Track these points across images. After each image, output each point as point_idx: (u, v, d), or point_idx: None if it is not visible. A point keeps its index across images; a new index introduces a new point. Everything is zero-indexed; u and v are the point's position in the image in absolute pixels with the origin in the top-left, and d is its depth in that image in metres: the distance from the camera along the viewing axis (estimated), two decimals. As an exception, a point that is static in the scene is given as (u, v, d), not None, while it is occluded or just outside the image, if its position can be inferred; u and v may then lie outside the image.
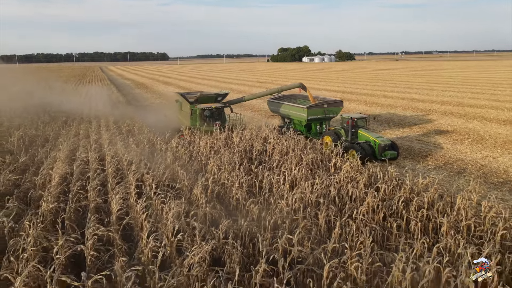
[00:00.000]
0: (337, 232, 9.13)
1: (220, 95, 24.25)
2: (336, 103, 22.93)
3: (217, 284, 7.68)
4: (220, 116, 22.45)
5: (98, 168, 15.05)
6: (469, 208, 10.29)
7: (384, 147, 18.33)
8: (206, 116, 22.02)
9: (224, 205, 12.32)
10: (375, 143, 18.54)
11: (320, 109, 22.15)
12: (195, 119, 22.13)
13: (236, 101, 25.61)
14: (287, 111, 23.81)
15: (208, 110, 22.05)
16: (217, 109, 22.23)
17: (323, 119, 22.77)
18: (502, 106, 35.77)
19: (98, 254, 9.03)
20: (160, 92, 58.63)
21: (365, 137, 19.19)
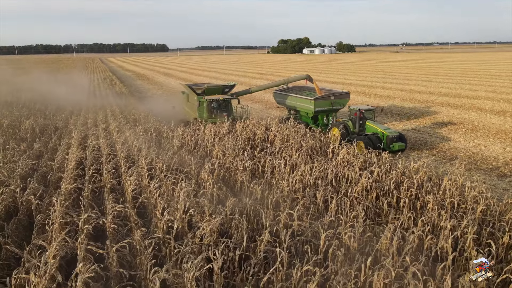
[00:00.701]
0: (333, 208, 10.10)
1: (227, 87, 24.31)
2: (343, 95, 22.90)
3: (226, 252, 8.65)
4: (227, 108, 22.62)
5: (110, 153, 15.98)
6: (454, 188, 11.25)
7: (392, 138, 18.30)
8: (213, 107, 22.21)
9: (230, 187, 13.30)
10: (383, 134, 18.53)
11: (327, 101, 22.14)
12: (202, 110, 22.29)
13: (243, 92, 25.67)
14: (293, 103, 23.89)
15: (215, 101, 22.24)
16: (225, 101, 22.42)
17: (330, 111, 22.84)
18: (498, 97, 36.58)
19: (117, 227, 10.00)
20: (162, 83, 59.41)
21: (373, 129, 19.15)
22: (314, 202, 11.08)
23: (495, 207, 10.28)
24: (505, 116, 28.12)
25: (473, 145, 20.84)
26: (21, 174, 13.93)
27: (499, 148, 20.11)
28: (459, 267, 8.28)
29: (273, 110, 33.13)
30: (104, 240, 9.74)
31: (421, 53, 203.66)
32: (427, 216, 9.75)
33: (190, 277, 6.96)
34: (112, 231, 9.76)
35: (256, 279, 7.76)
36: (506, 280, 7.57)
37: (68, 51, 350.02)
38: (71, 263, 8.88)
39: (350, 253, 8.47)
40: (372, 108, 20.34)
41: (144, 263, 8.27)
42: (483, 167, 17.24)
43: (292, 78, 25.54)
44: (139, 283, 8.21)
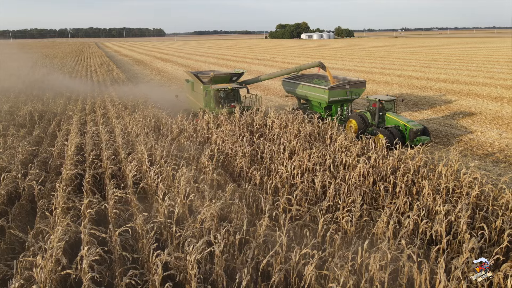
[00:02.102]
0: (331, 193, 10.30)
1: (235, 75, 22.63)
2: (359, 84, 21.44)
3: (226, 236, 8.86)
4: (235, 97, 21.24)
5: (109, 139, 16.07)
6: (450, 174, 11.46)
7: (416, 132, 16.89)
8: (221, 97, 20.84)
9: (229, 173, 13.48)
10: (405, 127, 17.21)
11: (342, 91, 20.68)
12: (209, 100, 20.75)
13: (252, 81, 24.10)
14: (304, 92, 22.49)
15: (223, 91, 20.78)
16: (233, 90, 20.96)
17: (345, 100, 21.38)
18: (496, 83, 36.67)
19: (119, 212, 10.18)
20: (159, 69, 59.01)
21: (394, 121, 17.76)
22: (312, 187, 11.28)
23: (489, 192, 10.51)
24: (502, 102, 28.27)
25: (469, 131, 21.03)
26: (22, 160, 14.04)
27: (495, 134, 20.31)
28: (453, 250, 8.54)
29: (272, 96, 33.13)
30: (106, 224, 9.95)
31: (420, 38, 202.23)
32: (423, 201, 9.98)
33: (192, 259, 7.16)
34: (114, 216, 9.95)
35: (255, 262, 7.98)
36: (497, 262, 7.84)
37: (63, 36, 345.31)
38: (74, 247, 9.10)
39: (347, 237, 8.70)
40: (392, 99, 18.69)
41: (146, 247, 8.47)
42: (479, 153, 17.46)
43: (304, 66, 23.87)
44: (142, 265, 8.43)
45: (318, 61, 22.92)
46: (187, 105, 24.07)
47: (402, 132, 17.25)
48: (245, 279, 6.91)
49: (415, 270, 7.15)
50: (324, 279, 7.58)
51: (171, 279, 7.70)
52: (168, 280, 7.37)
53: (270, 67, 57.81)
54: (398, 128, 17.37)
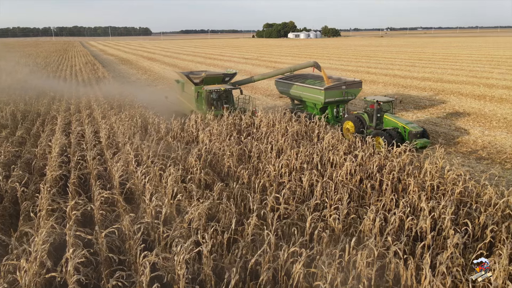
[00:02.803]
0: (318, 191, 10.36)
1: (228, 75, 21.94)
2: (355, 84, 20.99)
3: (214, 236, 8.83)
4: (228, 99, 20.50)
5: (95, 140, 15.85)
6: (434, 171, 11.65)
7: (415, 134, 16.40)
8: (213, 99, 20.10)
9: (217, 172, 13.45)
10: (404, 129, 16.73)
11: (338, 91, 20.18)
12: (201, 102, 20.06)
13: (245, 81, 23.45)
14: (299, 92, 21.95)
15: (215, 92, 20.00)
16: (226, 91, 20.24)
17: (341, 101, 20.89)
18: (478, 82, 37.40)
19: (105, 213, 10.05)
20: (146, 68, 58.47)
21: (393, 123, 17.26)
22: (300, 186, 11.33)
23: (473, 189, 10.72)
24: (485, 100, 28.87)
25: (453, 129, 21.41)
26: (4, 161, 13.74)
27: (478, 132, 20.73)
28: (438, 246, 8.68)
29: (259, 95, 33.15)
30: (92, 226, 9.80)
31: (405, 37, 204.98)
32: (408, 198, 10.12)
33: (180, 260, 7.12)
34: (100, 217, 9.82)
35: (244, 261, 7.98)
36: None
37: (47, 34, 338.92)
38: (59, 250, 8.95)
39: (335, 234, 8.77)
40: (390, 100, 18.11)
41: (133, 248, 8.40)
42: (462, 150, 17.79)
43: (298, 66, 23.39)
44: (129, 267, 8.35)
45: (312, 61, 22.29)
46: (177, 106, 23.21)
47: (401, 134, 16.76)
48: (233, 278, 6.91)
49: (401, 266, 7.25)
50: (312, 277, 7.62)
51: (158, 280, 7.64)
52: (155, 281, 7.31)
53: (258, 66, 57.84)
54: (397, 130, 16.87)
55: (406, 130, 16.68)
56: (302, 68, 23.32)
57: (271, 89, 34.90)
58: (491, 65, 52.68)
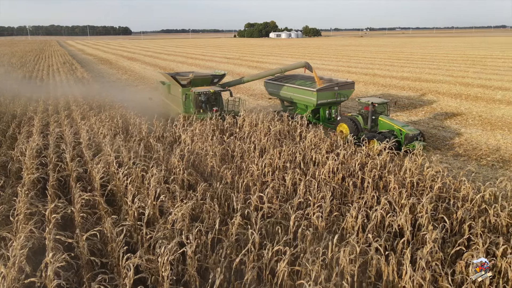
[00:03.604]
0: (301, 189, 10.45)
1: (216, 76, 21.08)
2: (347, 85, 20.50)
3: (198, 236, 8.79)
4: (217, 101, 19.68)
5: (74, 141, 15.53)
6: (414, 168, 11.93)
7: (412, 137, 16.05)
8: (201, 101, 19.30)
9: (200, 172, 13.38)
10: (400, 132, 16.33)
11: (330, 92, 19.61)
12: (189, 105, 19.28)
13: (234, 83, 22.57)
14: (289, 94, 21.22)
15: (204, 94, 19.17)
16: (215, 93, 19.43)
17: (333, 103, 20.33)
18: (455, 81, 38.44)
19: (86, 216, 9.87)
20: (126, 68, 57.60)
21: (388, 125, 16.81)
22: (283, 185, 11.40)
23: (450, 185, 11.03)
24: (461, 99, 29.70)
25: (431, 127, 21.94)
26: (-22, 165, 13.30)
27: (455, 130, 21.32)
28: (418, 241, 8.89)
29: (242, 95, 33.13)
30: (73, 229, 9.61)
31: (384, 37, 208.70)
32: (389, 195, 10.32)
33: (164, 261, 7.06)
34: (81, 220, 9.63)
35: (228, 260, 7.97)
36: (459, 251, 8.23)
37: (22, 34, 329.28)
38: (38, 254, 8.73)
39: (318, 232, 8.86)
40: (385, 101, 17.70)
41: (116, 250, 8.27)
42: (440, 148, 18.26)
43: (289, 66, 22.91)
44: (111, 270, 8.22)
45: (304, 62, 21.84)
46: (163, 109, 22.21)
47: (396, 137, 16.25)
48: (218, 278, 6.89)
49: (382, 262, 7.39)
50: (296, 275, 7.68)
51: (142, 282, 7.56)
52: (139, 283, 7.23)
53: (240, 66, 57.81)
54: (393, 133, 16.44)
55: (403, 132, 16.24)
56: (293, 68, 22.88)
57: (253, 88, 34.96)
58: (467, 64, 54.22)
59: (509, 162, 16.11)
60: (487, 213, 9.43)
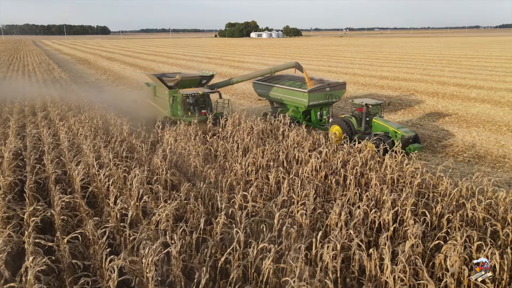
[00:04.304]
0: (285, 188, 10.53)
1: (205, 78, 20.38)
2: (339, 86, 20.11)
3: (183, 236, 8.74)
4: (205, 103, 19.01)
5: (53, 142, 15.16)
6: (394, 165, 12.19)
7: (408, 139, 15.73)
8: (189, 103, 18.58)
9: (183, 172, 13.30)
10: (396, 134, 15.97)
11: (322, 93, 19.23)
12: (176, 107, 18.50)
13: (223, 84, 21.82)
14: (279, 95, 20.74)
15: (192, 96, 18.48)
16: (203, 95, 18.72)
17: (325, 104, 19.96)
18: (432, 80, 39.44)
19: (66, 219, 9.65)
20: (105, 68, 56.57)
21: (383, 127, 16.42)
22: (267, 183, 11.45)
23: (429, 181, 11.32)
24: (438, 97, 30.51)
25: (410, 125, 22.45)
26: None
27: (432, 127, 21.89)
28: (399, 236, 9.10)
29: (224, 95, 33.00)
30: (53, 232, 9.40)
31: (363, 37, 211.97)
32: (371, 192, 10.51)
33: (149, 262, 6.99)
34: (62, 223, 9.42)
35: (213, 260, 7.96)
36: (439, 245, 8.47)
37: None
38: (17, 259, 8.50)
39: (302, 230, 8.93)
40: (379, 102, 17.34)
41: (98, 253, 8.14)
42: (420, 145, 18.70)
43: (279, 67, 22.28)
44: (94, 272, 8.08)
45: (294, 62, 21.36)
46: (148, 112, 21.20)
47: (391, 139, 15.92)
48: (203, 278, 6.87)
49: (365, 257, 7.53)
50: (281, 272, 7.74)
51: (126, 284, 7.47)
52: (123, 285, 7.14)
53: (221, 65, 57.64)
54: (388, 135, 16.07)
55: (398, 135, 15.92)
56: (283, 69, 22.36)
57: (235, 88, 34.92)
58: (442, 64, 55.70)
59: (484, 158, 16.67)
60: (464, 207, 9.73)
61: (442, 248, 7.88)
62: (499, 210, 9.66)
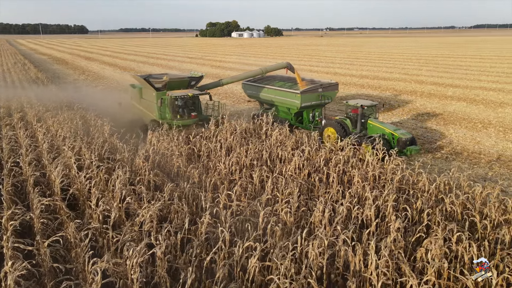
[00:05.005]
0: (269, 186, 10.59)
1: (194, 79, 19.40)
2: (331, 86, 19.60)
3: (167, 237, 8.67)
4: (195, 106, 18.24)
5: (31, 144, 14.77)
6: (375, 162, 12.43)
7: (405, 141, 15.37)
8: (178, 106, 17.73)
9: (166, 173, 13.17)
10: (392, 136, 15.67)
11: (314, 94, 18.76)
12: (164, 110, 17.64)
13: (213, 85, 20.99)
14: (270, 96, 20.21)
15: (181, 98, 17.61)
16: (193, 97, 17.95)
17: (317, 106, 19.47)
18: (410, 79, 40.31)
19: (46, 222, 9.43)
20: (83, 68, 55.40)
21: (379, 129, 16.04)
22: (251, 182, 11.48)
23: (409, 177, 11.59)
24: (416, 95, 31.22)
25: (389, 123, 22.89)
26: None
27: (411, 124, 22.40)
28: (382, 232, 9.28)
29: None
30: (33, 236, 9.17)
31: (343, 37, 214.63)
32: (354, 189, 10.69)
33: (133, 263, 6.91)
34: (41, 226, 9.20)
35: (199, 260, 7.93)
36: (420, 240, 8.69)
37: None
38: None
39: (287, 227, 9.02)
40: (374, 104, 16.92)
41: (80, 256, 7.99)
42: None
43: (270, 67, 21.57)
44: (76, 276, 7.93)
45: (285, 62, 20.93)
46: (134, 115, 20.29)
47: (388, 141, 15.62)
48: (190, 278, 6.85)
49: (349, 253, 7.66)
50: (267, 270, 7.78)
51: (110, 287, 7.36)
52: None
53: (203, 65, 57.31)
54: (384, 137, 15.65)
55: (395, 137, 15.61)
56: (274, 69, 21.81)
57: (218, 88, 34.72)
58: (420, 63, 57.00)
59: (461, 154, 17.18)
60: (443, 202, 10.01)
61: (423, 242, 8.09)
62: (476, 204, 9.98)
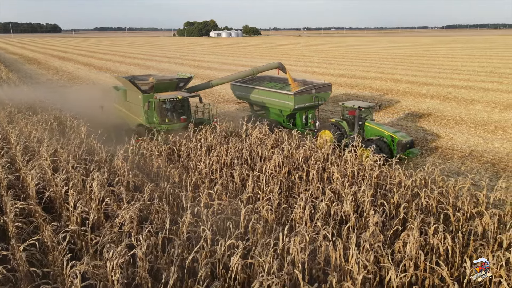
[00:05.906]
0: (250, 184, 10.63)
1: (182, 80, 18.49)
2: (325, 87, 18.97)
3: (148, 237, 8.58)
4: (184, 109, 17.27)
5: (3, 147, 14.29)
6: (354, 159, 12.67)
7: (405, 144, 15.04)
8: (166, 109, 16.83)
9: (146, 173, 13.02)
10: (392, 139, 15.30)
11: (308, 96, 18.08)
12: (152, 114, 16.72)
13: (203, 87, 20.22)
14: (261, 97, 19.42)
15: (170, 101, 16.67)
16: (182, 100, 17.00)
17: (311, 107, 18.82)
18: (386, 77, 41.23)
19: (21, 226, 9.16)
20: (57, 68, 53.89)
21: (378, 132, 15.63)
22: (231, 181, 11.50)
23: (386, 173, 11.89)
24: (392, 94, 31.97)
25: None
26: None
27: (388, 122, 22.93)
28: (361, 226, 9.49)
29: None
30: (7, 241, 8.89)
31: (320, 37, 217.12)
32: (333, 185, 10.87)
33: (114, 265, 6.81)
34: (16, 230, 8.93)
35: (181, 259, 7.89)
36: (398, 233, 8.93)
37: None
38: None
39: (269, 225, 9.09)
40: (371, 105, 16.57)
41: (58, 259, 7.81)
42: (376, 140, 19.50)
43: (261, 68, 20.70)
44: (54, 280, 7.75)
45: (277, 62, 20.34)
46: (117, 118, 19.18)
47: (387, 143, 15.19)
48: (172, 277, 6.81)
49: (330, 248, 7.80)
50: (249, 268, 7.82)
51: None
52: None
53: (181, 65, 56.79)
54: (383, 140, 15.27)
55: (395, 139, 15.22)
56: (266, 70, 20.92)
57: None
58: (395, 62, 58.37)
59: (435, 150, 17.73)
60: (419, 197, 10.32)
61: (401, 235, 8.32)
62: (450, 197, 10.34)
